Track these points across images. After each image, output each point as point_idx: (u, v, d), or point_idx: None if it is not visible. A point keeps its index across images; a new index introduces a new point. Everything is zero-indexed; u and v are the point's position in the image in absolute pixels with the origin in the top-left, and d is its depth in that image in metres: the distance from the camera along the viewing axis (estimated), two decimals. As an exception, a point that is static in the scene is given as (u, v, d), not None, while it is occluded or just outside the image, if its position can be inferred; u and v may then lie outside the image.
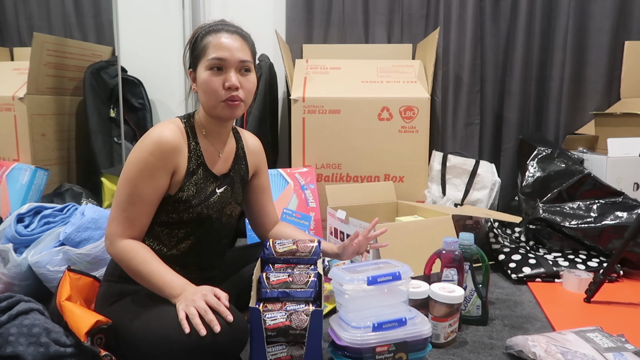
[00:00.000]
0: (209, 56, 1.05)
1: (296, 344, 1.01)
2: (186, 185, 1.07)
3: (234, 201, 1.18)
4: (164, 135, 1.03)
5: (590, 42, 2.29)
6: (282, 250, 1.14)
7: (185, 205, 1.07)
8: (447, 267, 1.23)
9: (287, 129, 2.21)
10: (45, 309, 1.10)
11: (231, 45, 1.06)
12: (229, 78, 1.05)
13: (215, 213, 1.12)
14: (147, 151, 1.02)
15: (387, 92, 2.07)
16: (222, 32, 1.07)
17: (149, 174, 1.01)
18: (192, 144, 1.10)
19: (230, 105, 1.07)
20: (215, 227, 1.14)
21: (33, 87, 2.10)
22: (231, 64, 1.05)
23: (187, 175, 1.07)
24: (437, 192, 2.13)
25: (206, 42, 1.06)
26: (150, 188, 1.02)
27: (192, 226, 1.10)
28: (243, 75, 1.08)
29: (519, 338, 1.10)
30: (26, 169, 1.99)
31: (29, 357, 0.95)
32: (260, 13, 2.46)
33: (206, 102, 1.09)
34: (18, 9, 2.51)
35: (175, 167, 1.05)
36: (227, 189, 1.16)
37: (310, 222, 1.82)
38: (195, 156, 1.10)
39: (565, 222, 1.71)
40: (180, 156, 1.06)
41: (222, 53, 1.05)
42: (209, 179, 1.12)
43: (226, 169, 1.17)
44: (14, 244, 1.41)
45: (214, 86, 1.05)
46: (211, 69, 1.05)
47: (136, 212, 1.02)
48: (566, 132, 2.33)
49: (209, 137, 1.14)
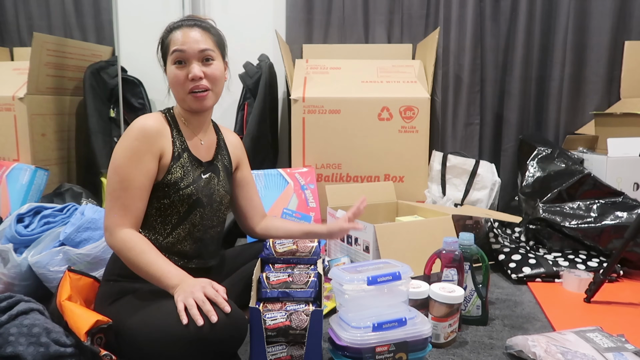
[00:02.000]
0: (171, 50, 1.10)
1: (296, 344, 1.01)
2: (173, 168, 1.10)
3: (222, 189, 1.20)
4: (147, 122, 1.08)
5: (590, 42, 2.29)
6: (282, 250, 1.14)
7: (175, 188, 1.10)
8: (447, 267, 1.23)
9: (287, 129, 2.21)
10: (45, 309, 1.10)
11: (190, 38, 1.10)
12: (191, 69, 1.09)
13: (204, 197, 1.14)
14: (132, 137, 1.06)
15: (387, 92, 2.07)
16: (182, 27, 1.12)
17: (137, 158, 1.05)
18: (174, 131, 1.14)
19: (197, 97, 1.11)
20: (206, 212, 1.16)
21: (33, 87, 2.10)
22: (191, 55, 1.09)
23: (173, 159, 1.11)
24: (437, 192, 2.13)
25: (169, 40, 1.12)
26: (139, 172, 1.05)
27: (184, 211, 1.12)
28: (206, 64, 1.11)
29: (519, 338, 1.10)
30: (26, 169, 1.99)
31: (29, 357, 0.95)
32: (260, 13, 2.46)
33: (175, 95, 1.14)
34: (18, 9, 2.51)
35: (161, 151, 1.09)
36: (213, 176, 1.18)
37: (310, 222, 1.82)
38: (179, 141, 1.13)
39: (565, 222, 1.71)
40: (164, 140, 1.10)
41: (181, 46, 1.09)
42: (194, 163, 1.15)
43: (210, 156, 1.20)
44: (14, 244, 1.41)
45: (179, 79, 1.10)
46: (175, 64, 1.10)
47: (129, 197, 1.05)
48: (566, 132, 2.33)
49: (190, 127, 1.17)
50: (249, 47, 2.39)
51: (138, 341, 0.98)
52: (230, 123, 2.36)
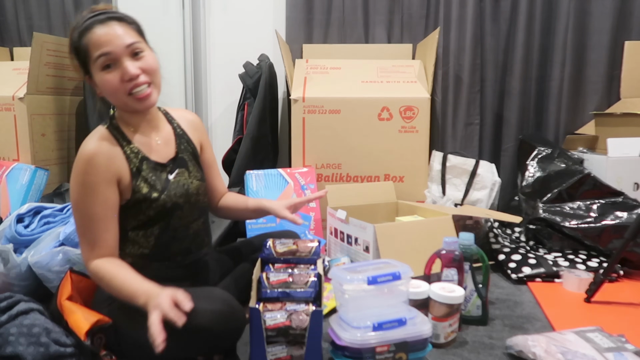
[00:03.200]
0: (94, 56, 1.00)
1: (296, 344, 1.01)
2: (137, 186, 1.05)
3: (194, 180, 1.16)
4: (90, 150, 1.01)
5: (590, 42, 2.29)
6: (282, 250, 1.14)
7: (147, 203, 1.06)
8: (447, 267, 1.23)
9: (287, 129, 2.21)
10: (45, 309, 1.10)
11: (110, 35, 1.00)
12: (125, 69, 1.00)
13: (179, 198, 1.11)
14: (81, 172, 1.01)
15: (387, 92, 2.07)
16: (95, 26, 1.00)
17: (91, 192, 1.00)
18: (125, 145, 1.07)
19: (140, 97, 1.03)
20: (185, 211, 1.13)
21: (33, 87, 2.10)
22: (119, 54, 1.00)
23: (133, 177, 1.05)
24: (437, 192, 2.13)
25: (86, 44, 1.01)
26: (97, 205, 1.01)
27: (163, 219, 1.10)
28: (137, 59, 1.02)
29: (519, 338, 1.10)
30: (26, 169, 1.99)
31: (29, 357, 0.95)
32: (260, 13, 2.45)
33: (115, 101, 1.06)
34: (18, 9, 2.50)
35: (116, 175, 1.03)
36: (182, 171, 1.14)
37: (310, 222, 1.82)
38: (133, 154, 1.07)
39: (565, 222, 1.71)
40: (116, 162, 1.04)
41: (105, 48, 0.99)
42: (157, 169, 1.10)
43: (172, 152, 1.15)
44: (13, 244, 1.41)
45: (114, 85, 1.01)
46: (104, 69, 1.01)
47: (94, 231, 1.01)
48: (566, 132, 2.33)
49: (140, 130, 1.11)
50: (249, 47, 2.39)
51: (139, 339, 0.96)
52: (230, 123, 2.36)
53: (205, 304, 0.95)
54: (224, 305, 0.97)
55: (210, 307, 0.95)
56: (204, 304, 0.95)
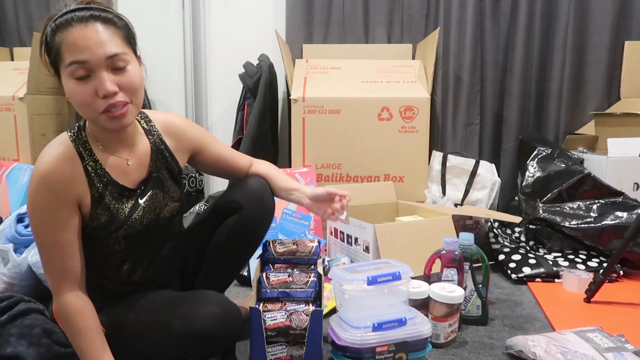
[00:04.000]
0: (66, 62, 0.83)
1: (296, 344, 1.02)
2: (96, 214, 0.91)
3: (169, 200, 1.02)
4: (47, 171, 0.86)
5: (590, 42, 2.29)
6: (282, 251, 1.14)
7: (105, 232, 0.93)
8: (447, 267, 1.23)
9: (287, 129, 2.21)
10: (45, 309, 1.10)
11: (90, 40, 0.82)
12: (101, 84, 0.82)
13: (147, 226, 0.98)
14: (37, 195, 0.86)
15: (387, 92, 2.07)
16: (72, 24, 0.82)
17: (50, 218, 0.87)
18: (90, 164, 0.91)
19: (114, 116, 0.85)
20: (154, 238, 1.01)
21: (33, 87, 2.10)
22: (96, 64, 0.82)
23: (94, 203, 0.91)
24: (437, 192, 2.13)
25: (58, 43, 0.83)
26: (59, 231, 0.87)
27: (124, 249, 0.97)
28: (118, 73, 0.85)
29: (519, 338, 1.10)
30: (26, 169, 1.99)
31: (29, 358, 0.95)
32: (260, 13, 2.45)
33: (84, 115, 0.88)
34: (18, 9, 2.50)
35: (77, 198, 0.89)
36: (155, 192, 0.99)
37: (310, 222, 1.82)
38: (97, 177, 0.92)
39: (565, 222, 1.71)
40: (76, 185, 0.89)
41: (80, 55, 0.81)
42: (124, 195, 0.95)
43: (144, 173, 0.99)
44: (14, 244, 1.41)
45: (85, 99, 0.83)
46: (74, 79, 0.83)
47: (58, 259, 0.88)
48: (566, 132, 2.33)
49: (110, 147, 0.94)
50: (249, 47, 2.39)
51: (133, 341, 0.96)
52: (230, 123, 2.36)
53: (201, 308, 0.94)
54: (220, 307, 0.95)
55: (207, 310, 0.93)
56: (200, 307, 0.94)
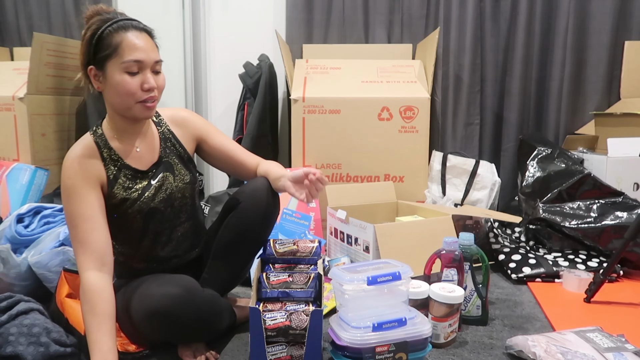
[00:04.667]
0: (125, 58, 1.02)
1: (296, 344, 1.02)
2: (113, 192, 1.08)
3: (180, 182, 1.17)
4: (71, 157, 1.06)
5: (590, 42, 2.29)
6: (282, 251, 1.14)
7: (122, 209, 1.10)
8: (447, 267, 1.23)
9: (287, 129, 2.21)
10: (45, 308, 1.10)
11: (145, 46, 1.05)
12: (148, 80, 1.05)
13: (159, 204, 1.13)
14: (65, 178, 1.04)
15: (387, 92, 2.07)
16: (130, 29, 1.04)
17: (75, 195, 1.03)
18: (105, 152, 1.09)
19: (147, 107, 1.07)
20: (167, 215, 1.15)
21: (33, 87, 2.10)
22: (147, 65, 1.05)
23: (111, 183, 1.09)
24: (437, 192, 2.13)
25: (117, 42, 1.02)
26: (82, 206, 1.03)
27: (142, 224, 1.13)
28: (156, 75, 1.08)
29: (519, 338, 1.10)
30: (26, 169, 1.99)
31: (29, 357, 0.96)
32: (260, 13, 2.45)
33: (120, 103, 1.06)
34: (18, 9, 2.50)
35: (98, 179, 1.07)
36: (166, 175, 1.15)
37: (310, 222, 1.82)
38: (112, 161, 1.10)
39: (565, 222, 1.71)
40: (96, 168, 1.07)
41: (139, 55, 1.03)
42: (137, 176, 1.12)
43: (154, 157, 1.16)
44: (13, 244, 1.41)
45: (131, 89, 1.04)
46: (127, 72, 1.03)
47: (82, 232, 1.02)
48: (566, 132, 2.33)
49: (123, 139, 1.12)
50: (249, 47, 2.39)
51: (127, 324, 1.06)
52: (230, 123, 2.36)
53: (161, 288, 1.00)
54: (181, 289, 1.00)
55: (165, 290, 0.99)
56: (161, 288, 1.00)
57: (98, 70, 1.05)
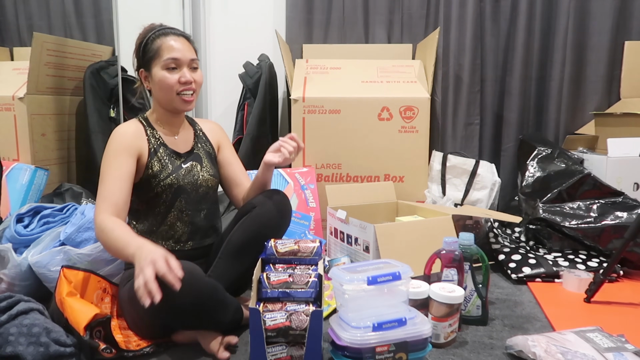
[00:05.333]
0: (164, 57, 1.22)
1: (296, 345, 1.01)
2: (151, 163, 1.24)
3: (206, 173, 1.32)
4: (120, 128, 1.24)
5: (590, 42, 2.29)
6: (283, 251, 1.14)
7: (156, 181, 1.23)
8: (447, 267, 1.23)
9: (287, 129, 2.21)
10: (45, 308, 1.10)
11: (181, 47, 1.24)
12: (184, 74, 1.24)
13: (187, 185, 1.27)
14: (110, 143, 1.21)
15: (387, 92, 2.07)
16: (170, 35, 1.25)
17: (113, 157, 1.18)
18: (149, 130, 1.28)
19: (185, 99, 1.25)
20: (192, 197, 1.29)
21: (33, 87, 2.10)
22: (183, 62, 1.24)
23: (150, 155, 1.24)
24: (437, 192, 2.13)
25: (158, 45, 1.23)
26: (114, 167, 1.17)
27: (169, 199, 1.26)
28: (193, 71, 1.26)
29: (519, 338, 1.10)
30: (26, 169, 1.99)
31: (29, 357, 0.96)
32: (260, 13, 2.45)
33: (164, 96, 1.25)
34: (18, 9, 2.50)
35: (138, 151, 1.22)
36: (194, 164, 1.31)
37: (310, 222, 1.82)
38: (154, 139, 1.27)
39: (565, 222, 1.71)
40: (139, 140, 1.24)
41: (176, 54, 1.23)
42: (172, 155, 1.28)
43: (188, 147, 1.33)
44: (13, 244, 1.41)
45: (171, 82, 1.23)
46: (167, 69, 1.23)
47: (108, 186, 1.15)
48: (566, 132, 2.33)
49: (165, 126, 1.31)
50: (249, 47, 2.39)
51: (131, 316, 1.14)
52: (230, 123, 2.36)
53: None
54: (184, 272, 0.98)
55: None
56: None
57: (146, 72, 1.27)
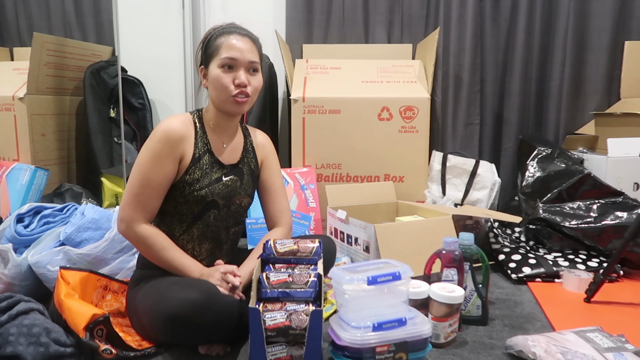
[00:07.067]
0: (222, 55, 1.14)
1: (296, 344, 1.01)
2: (191, 169, 1.16)
3: (243, 192, 1.25)
4: (171, 125, 1.13)
5: (590, 42, 2.29)
6: (283, 250, 1.14)
7: (191, 189, 1.15)
8: (447, 267, 1.23)
9: (287, 129, 2.21)
10: (45, 308, 1.10)
11: (242, 47, 1.15)
12: (239, 76, 1.14)
13: (221, 200, 1.20)
14: (156, 139, 1.12)
15: (387, 92, 2.07)
16: (234, 34, 1.17)
17: (158, 160, 1.11)
18: (200, 133, 1.19)
19: (237, 102, 1.16)
20: (222, 213, 1.22)
21: (33, 87, 2.10)
22: (241, 63, 1.15)
23: (193, 161, 1.16)
24: (437, 192, 2.13)
25: (219, 43, 1.16)
26: (158, 173, 1.11)
27: (198, 211, 1.18)
28: (251, 74, 1.17)
29: (519, 338, 1.10)
30: (26, 169, 1.99)
31: (29, 357, 0.96)
32: (260, 13, 2.46)
33: (217, 97, 1.17)
34: (18, 9, 2.51)
35: (182, 154, 1.14)
36: (235, 179, 1.23)
37: (310, 222, 1.82)
38: (202, 143, 1.18)
39: (565, 222, 1.71)
40: (186, 144, 1.15)
41: (234, 53, 1.14)
42: (215, 165, 1.20)
43: (235, 159, 1.25)
44: (13, 244, 1.41)
45: (225, 82, 1.14)
46: (223, 67, 1.15)
47: (146, 195, 1.12)
48: (566, 132, 2.33)
49: (216, 130, 1.22)
50: (249, 47, 2.38)
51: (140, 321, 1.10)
52: (230, 123, 2.36)
53: (183, 292, 1.00)
54: (201, 294, 0.99)
55: (186, 295, 0.99)
56: (183, 292, 1.00)
57: (205, 69, 1.20)
